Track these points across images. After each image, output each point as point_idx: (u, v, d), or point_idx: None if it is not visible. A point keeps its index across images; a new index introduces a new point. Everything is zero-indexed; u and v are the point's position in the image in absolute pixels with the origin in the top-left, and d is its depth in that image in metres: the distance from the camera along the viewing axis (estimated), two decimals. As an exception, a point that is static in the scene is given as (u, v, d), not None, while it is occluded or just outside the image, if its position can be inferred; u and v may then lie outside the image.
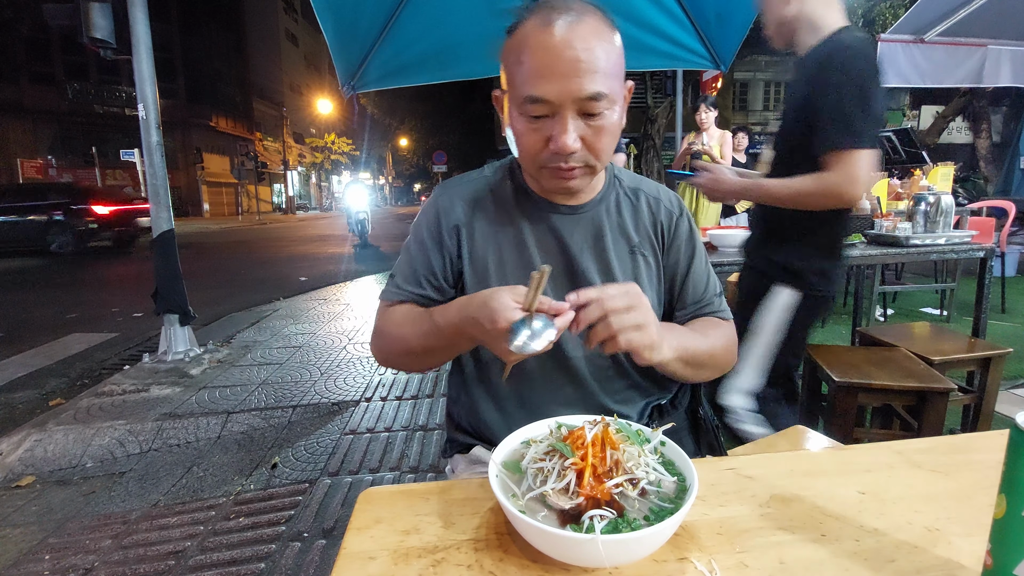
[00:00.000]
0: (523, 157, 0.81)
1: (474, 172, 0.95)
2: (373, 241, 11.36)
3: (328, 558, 1.67)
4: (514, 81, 0.76)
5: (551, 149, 0.75)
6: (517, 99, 0.76)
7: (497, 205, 0.89)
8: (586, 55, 0.71)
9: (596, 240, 0.87)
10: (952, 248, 2.12)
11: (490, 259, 0.87)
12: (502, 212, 0.89)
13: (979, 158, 11.40)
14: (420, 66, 3.22)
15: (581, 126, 0.74)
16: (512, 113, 0.78)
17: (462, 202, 0.89)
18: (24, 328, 4.65)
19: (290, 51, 37.56)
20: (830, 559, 0.51)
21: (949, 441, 0.74)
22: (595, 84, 0.72)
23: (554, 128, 0.74)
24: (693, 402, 0.98)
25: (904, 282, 5.28)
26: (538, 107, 0.73)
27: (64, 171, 22.34)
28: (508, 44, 0.77)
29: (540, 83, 0.72)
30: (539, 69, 0.72)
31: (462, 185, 0.92)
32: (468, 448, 0.93)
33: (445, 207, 0.89)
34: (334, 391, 2.99)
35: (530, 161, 0.80)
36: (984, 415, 2.00)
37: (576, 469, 0.53)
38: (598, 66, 0.72)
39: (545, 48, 0.71)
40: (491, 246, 0.88)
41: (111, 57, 3.55)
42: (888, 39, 4.21)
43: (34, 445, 2.41)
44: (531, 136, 0.76)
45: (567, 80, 0.71)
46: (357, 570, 0.51)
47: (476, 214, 0.89)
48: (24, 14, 18.07)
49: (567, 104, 0.72)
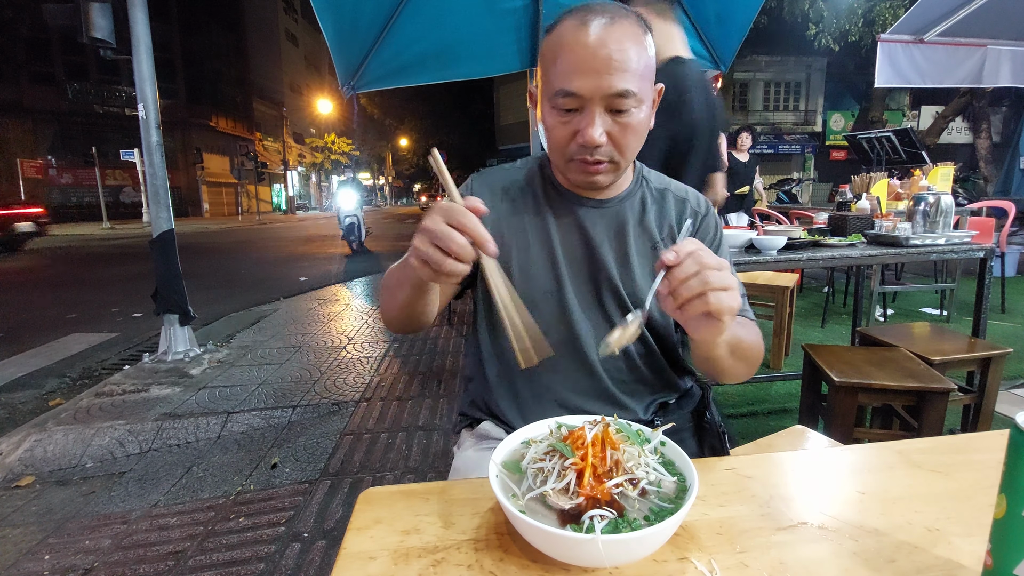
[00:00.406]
0: (552, 149, 0.85)
1: (507, 164, 1.00)
2: (372, 245, 10.71)
3: (328, 558, 1.66)
4: (548, 77, 0.79)
5: (578, 142, 0.78)
6: (549, 93, 0.79)
7: (525, 195, 0.93)
8: (618, 54, 0.74)
9: (618, 234, 0.89)
10: (952, 248, 2.12)
11: (513, 244, 0.89)
12: (529, 202, 0.92)
13: (979, 158, 11.41)
14: (420, 66, 3.22)
15: (608, 122, 0.77)
16: (544, 107, 0.82)
17: (491, 188, 0.94)
18: (24, 328, 4.65)
19: (290, 51, 37.56)
20: (830, 559, 0.50)
21: (949, 441, 0.74)
22: (624, 82, 0.75)
23: (582, 122, 0.77)
24: (700, 404, 0.98)
25: (904, 282, 5.29)
26: (568, 100, 0.77)
27: (64, 171, 22.37)
28: (546, 42, 0.81)
29: (572, 78, 0.75)
30: (572, 65, 0.75)
31: (495, 174, 0.96)
32: (477, 423, 0.95)
33: (475, 189, 0.94)
34: (334, 391, 2.99)
35: (559, 153, 0.83)
36: (984, 415, 2.00)
37: (576, 469, 0.53)
38: (629, 66, 0.75)
39: (580, 45, 0.75)
40: (515, 232, 0.90)
41: (111, 57, 3.55)
42: (888, 39, 4.20)
43: (34, 445, 2.41)
44: (560, 129, 0.80)
45: (598, 76, 0.74)
46: (357, 570, 0.51)
47: (504, 201, 0.92)
48: (24, 14, 18.08)
49: (596, 99, 0.75)
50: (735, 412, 2.61)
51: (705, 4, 3.00)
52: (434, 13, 2.96)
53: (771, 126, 23.95)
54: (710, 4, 2.99)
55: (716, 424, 0.94)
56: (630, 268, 0.89)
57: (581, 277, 0.89)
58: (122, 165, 21.67)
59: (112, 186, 23.02)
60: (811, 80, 23.79)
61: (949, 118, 12.98)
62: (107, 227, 18.05)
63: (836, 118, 23.34)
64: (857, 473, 0.66)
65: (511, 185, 0.94)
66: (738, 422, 2.54)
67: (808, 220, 3.85)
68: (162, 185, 3.34)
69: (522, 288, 0.87)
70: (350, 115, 39.77)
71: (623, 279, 0.89)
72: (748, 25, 3.00)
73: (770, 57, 22.05)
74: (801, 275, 4.72)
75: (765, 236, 2.06)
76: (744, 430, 2.44)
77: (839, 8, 10.15)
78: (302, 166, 38.31)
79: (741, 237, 2.12)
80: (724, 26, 3.08)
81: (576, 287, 0.89)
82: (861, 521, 0.56)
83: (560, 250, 0.89)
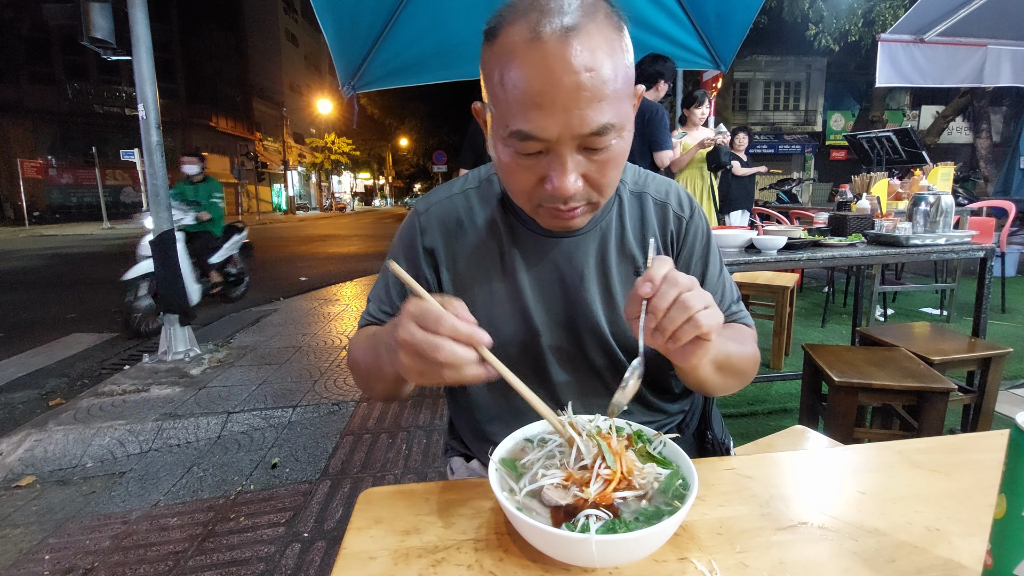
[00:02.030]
0: (513, 194, 0.69)
1: (454, 184, 0.82)
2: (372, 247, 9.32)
3: (328, 558, 1.67)
4: (497, 104, 0.60)
5: (547, 190, 0.62)
6: (502, 129, 0.61)
7: (484, 228, 0.78)
8: (591, 78, 0.56)
9: (598, 265, 0.77)
10: (952, 248, 2.12)
11: (477, 291, 0.77)
12: (489, 237, 0.77)
13: (979, 158, 11.41)
14: (420, 66, 3.23)
15: (582, 162, 0.61)
16: (496, 141, 0.63)
17: (443, 224, 0.79)
18: (24, 328, 4.65)
19: (290, 51, 37.54)
20: (830, 559, 0.50)
21: (949, 441, 0.74)
22: (601, 115, 0.58)
23: (550, 167, 0.61)
24: (702, 423, 0.92)
25: (904, 282, 5.29)
26: (529, 144, 0.59)
27: (64, 171, 22.37)
28: (488, 53, 0.61)
29: (531, 116, 0.57)
30: (529, 98, 0.57)
31: (444, 205, 0.80)
32: (466, 456, 0.91)
33: (423, 226, 0.79)
34: (334, 391, 2.98)
35: (523, 200, 0.67)
36: (984, 415, 2.00)
37: (606, 478, 0.52)
38: (605, 91, 0.57)
39: (536, 69, 0.56)
40: (477, 276, 0.77)
41: (111, 57, 3.55)
42: (888, 39, 4.21)
43: (34, 445, 2.41)
44: (521, 175, 0.63)
45: (566, 114, 0.57)
46: (357, 570, 0.51)
47: (460, 238, 0.78)
48: (24, 14, 18.09)
49: (565, 140, 0.58)
50: (735, 412, 2.61)
51: (705, 4, 3.01)
52: (434, 13, 2.96)
53: (771, 126, 23.95)
54: (710, 4, 3.00)
55: (720, 443, 0.90)
56: (614, 305, 0.77)
57: (559, 324, 0.77)
58: (122, 165, 21.65)
59: (112, 186, 23.03)
60: (811, 80, 23.79)
61: (949, 118, 13.00)
62: (107, 227, 18.06)
63: (836, 118, 23.34)
64: (857, 473, 0.66)
65: (464, 217, 0.78)
66: (738, 422, 2.54)
67: (808, 220, 3.85)
68: (162, 185, 3.34)
69: (494, 347, 0.78)
70: (350, 115, 39.72)
71: (608, 320, 0.77)
72: (748, 25, 3.00)
73: (770, 57, 22.04)
74: (801, 275, 4.72)
75: (765, 236, 2.06)
76: (744, 430, 2.44)
77: (839, 8, 10.15)
78: (302, 166, 38.31)
79: (741, 237, 2.12)
80: (724, 26, 3.08)
81: (553, 336, 0.77)
82: (861, 521, 0.56)
83: (530, 293, 0.76)
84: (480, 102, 0.69)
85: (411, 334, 0.52)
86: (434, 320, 0.52)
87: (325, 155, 37.17)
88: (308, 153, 38.21)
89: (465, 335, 0.52)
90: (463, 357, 0.52)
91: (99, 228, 17.92)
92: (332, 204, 41.49)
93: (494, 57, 0.60)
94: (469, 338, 0.52)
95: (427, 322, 0.52)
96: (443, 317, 0.52)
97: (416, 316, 0.53)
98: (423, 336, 0.52)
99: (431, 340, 0.51)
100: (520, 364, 0.75)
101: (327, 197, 42.33)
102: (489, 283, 0.77)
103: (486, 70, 0.62)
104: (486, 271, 0.77)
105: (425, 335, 0.52)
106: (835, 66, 21.37)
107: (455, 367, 0.52)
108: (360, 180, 51.91)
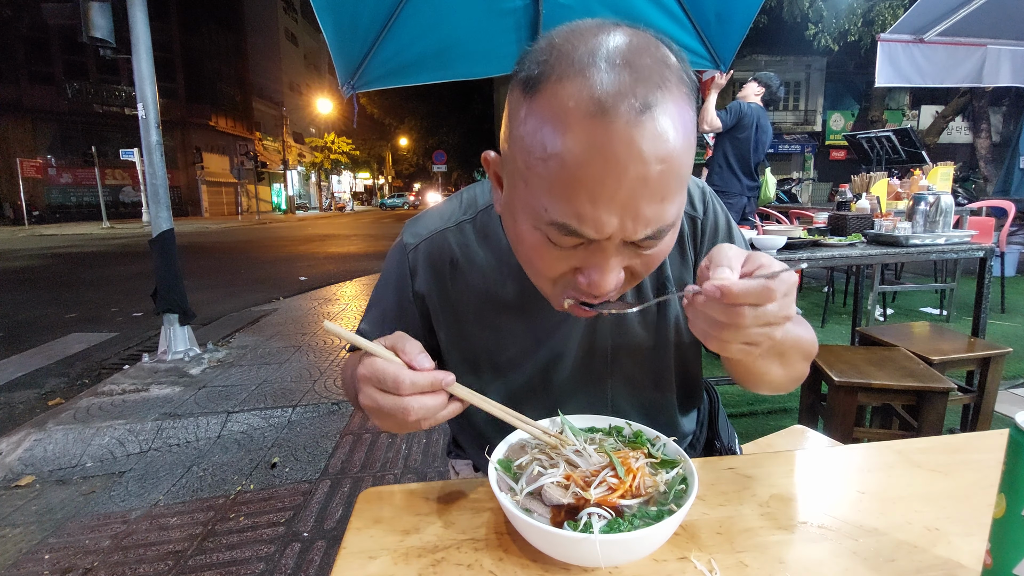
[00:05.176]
0: (532, 275, 0.57)
1: (445, 211, 0.72)
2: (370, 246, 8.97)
3: (328, 558, 1.67)
4: (533, 178, 0.48)
5: (580, 283, 0.52)
6: (536, 211, 0.49)
7: (480, 266, 0.69)
8: (661, 172, 0.45)
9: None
10: (952, 248, 2.12)
11: (477, 335, 0.71)
12: (487, 275, 0.69)
13: (979, 158, 11.42)
14: (420, 66, 3.23)
15: (627, 255, 0.51)
16: (521, 214, 0.52)
17: (435, 266, 0.71)
18: (24, 328, 4.65)
19: (290, 51, 37.54)
20: (830, 559, 0.51)
21: (949, 441, 0.74)
22: (664, 215, 0.48)
23: (588, 260, 0.51)
24: (710, 433, 0.90)
25: (904, 282, 5.29)
26: (571, 239, 0.49)
27: (64, 171, 22.38)
28: (525, 108, 0.48)
29: (582, 211, 0.46)
30: (582, 186, 0.45)
31: (436, 240, 0.71)
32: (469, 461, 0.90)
33: (412, 266, 0.71)
34: (334, 391, 2.98)
35: (544, 284, 0.56)
36: (984, 415, 2.00)
37: (611, 486, 0.52)
38: (672, 187, 0.46)
39: (599, 155, 0.44)
40: (478, 320, 0.70)
41: (111, 57, 3.55)
42: (888, 39, 4.21)
43: (34, 445, 2.41)
44: (551, 263, 0.52)
45: (623, 212, 0.46)
46: (357, 570, 0.51)
47: (452, 281, 0.70)
48: (24, 14, 18.08)
49: (615, 239, 0.48)
50: (735, 412, 2.61)
51: (705, 4, 3.01)
52: (434, 13, 2.96)
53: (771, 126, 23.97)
54: (710, 4, 2.99)
55: (727, 448, 0.89)
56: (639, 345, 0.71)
57: (577, 372, 0.71)
58: (122, 165, 21.69)
59: (112, 186, 23.04)
60: (811, 80, 23.80)
61: (949, 118, 13.01)
62: (107, 227, 18.06)
63: (836, 118, 23.35)
64: (857, 473, 0.66)
65: (460, 255, 0.70)
66: (738, 422, 2.54)
67: (808, 220, 3.85)
68: (162, 185, 3.34)
69: (499, 390, 0.72)
70: (350, 114, 39.74)
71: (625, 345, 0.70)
72: (748, 25, 3.00)
73: (770, 57, 22.01)
74: (801, 275, 4.71)
75: (765, 236, 2.06)
76: (744, 430, 2.44)
77: (839, 8, 10.17)
78: (302, 166, 38.32)
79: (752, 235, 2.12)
80: (724, 26, 3.08)
81: (563, 369, 0.72)
82: (861, 521, 0.56)
83: (538, 332, 0.69)
84: (495, 152, 0.57)
85: (374, 400, 0.50)
86: (392, 382, 0.49)
87: (325, 155, 37.17)
88: (308, 153, 38.22)
89: (428, 386, 0.50)
90: (433, 407, 0.50)
91: (99, 228, 17.91)
92: (332, 204, 41.50)
93: (535, 118, 0.47)
94: (433, 386, 0.50)
95: (386, 385, 0.49)
96: (400, 377, 0.49)
97: (373, 380, 0.50)
98: (387, 401, 0.50)
99: (397, 404, 0.49)
100: (530, 402, 0.71)
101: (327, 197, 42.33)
102: (497, 330, 0.71)
103: (519, 129, 0.49)
104: (489, 314, 0.70)
105: (388, 399, 0.49)
106: (835, 66, 21.39)
107: (428, 418, 0.51)
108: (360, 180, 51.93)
